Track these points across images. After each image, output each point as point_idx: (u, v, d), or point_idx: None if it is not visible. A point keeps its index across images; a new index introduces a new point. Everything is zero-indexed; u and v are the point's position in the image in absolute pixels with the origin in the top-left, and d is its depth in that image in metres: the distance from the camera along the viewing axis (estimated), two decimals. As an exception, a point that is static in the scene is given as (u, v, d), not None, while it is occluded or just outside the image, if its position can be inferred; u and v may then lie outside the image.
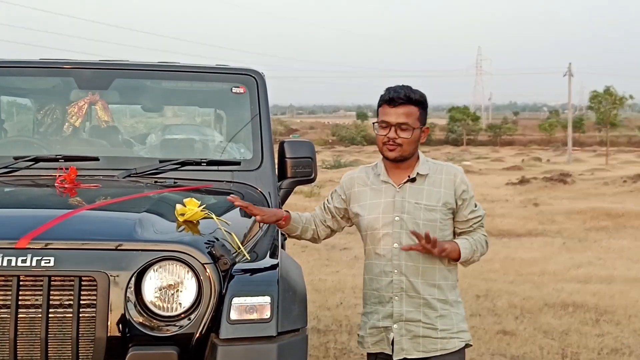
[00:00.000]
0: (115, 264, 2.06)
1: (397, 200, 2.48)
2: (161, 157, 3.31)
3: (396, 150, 2.44)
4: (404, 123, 2.42)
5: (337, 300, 6.21)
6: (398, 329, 2.48)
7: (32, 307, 2.01)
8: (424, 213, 2.45)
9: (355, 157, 39.77)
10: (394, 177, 2.51)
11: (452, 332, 2.49)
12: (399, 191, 2.49)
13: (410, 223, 2.44)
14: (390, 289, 2.48)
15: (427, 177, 2.49)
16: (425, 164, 2.52)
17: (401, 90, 2.44)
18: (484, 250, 2.56)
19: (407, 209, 2.46)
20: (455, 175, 2.51)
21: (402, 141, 2.42)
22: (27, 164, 3.07)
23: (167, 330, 2.08)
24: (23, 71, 3.44)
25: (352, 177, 2.63)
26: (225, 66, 3.55)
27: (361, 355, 4.57)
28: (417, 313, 2.47)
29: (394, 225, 2.46)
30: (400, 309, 2.47)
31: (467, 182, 2.52)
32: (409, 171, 2.50)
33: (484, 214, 2.58)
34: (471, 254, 2.48)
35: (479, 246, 2.52)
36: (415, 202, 2.46)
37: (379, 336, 2.53)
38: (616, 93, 46.55)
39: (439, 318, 2.48)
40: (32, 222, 2.16)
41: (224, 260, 2.16)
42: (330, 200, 2.67)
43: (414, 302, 2.47)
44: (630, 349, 4.84)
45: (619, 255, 8.77)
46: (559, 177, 18.81)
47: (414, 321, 2.47)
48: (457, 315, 2.53)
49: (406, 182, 2.48)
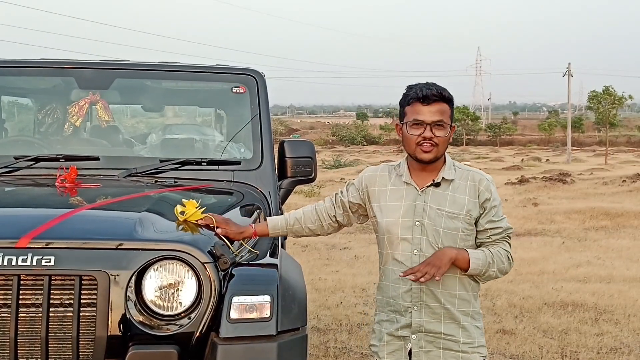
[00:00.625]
0: (116, 263, 2.06)
1: (419, 205, 2.31)
2: (161, 156, 3.32)
3: (432, 151, 2.27)
4: (440, 121, 2.27)
5: (337, 300, 6.22)
6: (417, 340, 2.33)
7: (32, 306, 2.01)
8: (445, 220, 2.28)
9: (355, 157, 39.77)
10: (417, 179, 2.34)
11: (474, 347, 2.33)
12: (421, 195, 2.32)
13: (430, 230, 2.29)
14: (408, 297, 2.33)
15: (452, 182, 2.32)
16: (451, 169, 2.35)
17: (433, 87, 2.29)
18: (504, 266, 2.33)
19: (428, 215, 2.30)
20: (480, 182, 2.33)
21: (438, 140, 2.27)
22: (27, 164, 3.08)
23: (167, 329, 2.08)
24: (24, 71, 3.45)
25: (375, 174, 2.45)
26: (225, 66, 3.56)
27: (360, 354, 4.58)
28: (438, 324, 2.31)
29: (414, 230, 2.30)
30: (419, 319, 2.32)
31: (492, 190, 2.34)
32: (434, 174, 2.33)
33: (508, 227, 2.37)
34: (484, 266, 2.28)
35: (497, 260, 2.30)
36: (437, 207, 2.30)
37: (396, 345, 2.37)
38: (615, 93, 46.53)
39: (461, 330, 2.32)
40: (33, 222, 2.16)
41: (224, 260, 2.17)
42: (344, 194, 2.49)
43: (435, 313, 2.31)
44: (629, 348, 4.84)
45: (618, 255, 8.77)
46: (558, 177, 18.80)
47: (434, 333, 2.32)
48: (477, 329, 2.37)
49: (430, 185, 2.32)
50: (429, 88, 2.29)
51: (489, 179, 2.37)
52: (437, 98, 2.27)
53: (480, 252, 2.30)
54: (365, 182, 2.45)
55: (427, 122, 2.27)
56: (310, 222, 2.51)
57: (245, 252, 2.40)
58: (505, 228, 2.36)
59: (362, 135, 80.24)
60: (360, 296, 6.40)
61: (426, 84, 2.32)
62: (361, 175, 2.49)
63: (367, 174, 2.48)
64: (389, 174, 2.42)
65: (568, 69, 47.91)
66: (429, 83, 2.33)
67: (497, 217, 2.35)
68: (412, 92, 2.31)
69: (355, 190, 2.47)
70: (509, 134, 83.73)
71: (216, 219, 2.37)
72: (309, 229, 2.51)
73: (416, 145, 2.29)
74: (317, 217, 2.50)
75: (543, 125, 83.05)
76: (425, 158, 2.29)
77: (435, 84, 2.32)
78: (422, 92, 2.28)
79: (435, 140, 2.27)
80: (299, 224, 2.50)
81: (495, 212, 2.34)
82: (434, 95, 2.27)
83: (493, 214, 2.33)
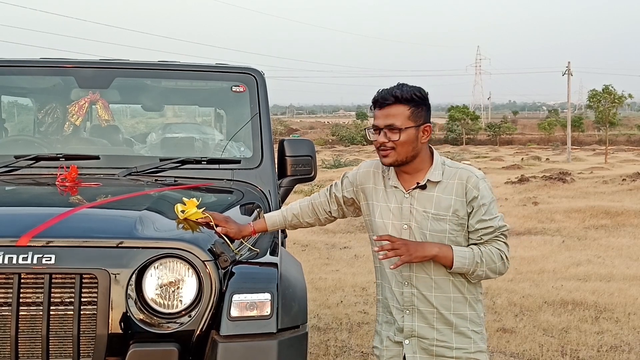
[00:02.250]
0: (116, 262, 2.06)
1: (405, 207, 2.28)
2: (161, 155, 3.32)
3: (390, 154, 2.23)
4: (390, 125, 2.21)
5: (337, 299, 6.22)
6: (409, 345, 2.29)
7: (33, 304, 2.01)
8: (431, 223, 2.24)
9: (355, 157, 39.73)
10: (403, 182, 2.31)
11: (469, 352, 2.27)
12: (407, 197, 2.28)
13: (417, 233, 2.25)
14: (401, 301, 2.30)
15: (439, 183, 2.26)
16: (438, 169, 2.28)
17: (388, 91, 2.25)
18: (496, 265, 2.23)
19: (415, 217, 2.26)
20: (468, 179, 2.25)
21: (394, 144, 2.21)
22: (28, 163, 3.09)
23: (167, 327, 2.09)
24: (24, 70, 3.45)
25: (369, 170, 2.42)
26: (225, 65, 3.56)
27: (361, 353, 4.59)
28: (430, 329, 2.26)
29: (402, 233, 2.26)
30: (411, 324, 2.28)
31: (481, 188, 2.24)
32: (419, 176, 2.28)
33: (502, 226, 2.27)
34: (471, 265, 2.20)
35: (487, 259, 2.22)
36: (423, 210, 2.25)
37: (394, 351, 2.34)
38: (615, 92, 46.55)
39: (456, 335, 2.27)
40: (33, 220, 2.17)
41: (224, 258, 2.18)
42: (338, 188, 2.48)
43: (427, 317, 2.27)
44: (630, 346, 4.84)
45: (618, 254, 8.77)
46: (558, 176, 18.79)
47: (426, 338, 2.27)
48: (476, 334, 2.30)
49: (415, 188, 2.28)
50: (382, 92, 2.26)
51: (478, 175, 2.28)
52: (389, 102, 2.22)
53: (469, 250, 2.23)
54: (360, 179, 2.43)
55: (380, 127, 2.25)
56: (308, 217, 2.54)
57: (245, 250, 2.41)
58: (498, 227, 2.25)
59: (362, 135, 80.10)
60: (361, 295, 6.41)
61: (389, 88, 2.27)
62: (356, 170, 2.48)
63: (361, 170, 2.46)
64: (382, 172, 2.40)
65: (568, 68, 47.90)
66: (395, 85, 2.28)
67: (489, 215, 2.25)
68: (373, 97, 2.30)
69: (350, 184, 2.47)
70: (508, 133, 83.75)
71: (216, 217, 2.37)
72: (307, 222, 2.55)
73: (377, 150, 2.27)
74: (313, 212, 2.54)
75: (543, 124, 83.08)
76: (385, 162, 2.28)
77: (400, 85, 2.26)
78: (376, 96, 2.27)
79: (390, 144, 2.22)
80: (297, 219, 2.54)
81: (486, 211, 2.24)
82: (384, 99, 2.23)
83: (483, 212, 2.24)
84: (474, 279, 2.27)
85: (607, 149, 42.95)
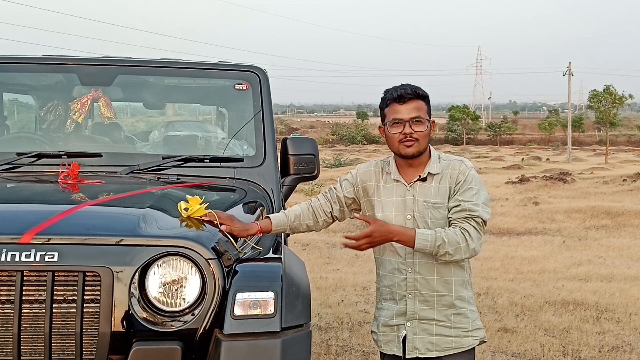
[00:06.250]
0: (119, 259, 2.05)
1: (408, 199, 2.45)
2: (164, 153, 3.30)
3: (414, 145, 2.40)
4: (417, 117, 2.40)
5: (338, 298, 6.22)
6: (411, 327, 2.46)
7: (35, 302, 2.00)
8: (431, 211, 2.41)
9: (355, 156, 39.78)
10: (405, 175, 2.48)
11: (467, 330, 2.46)
12: (409, 190, 2.46)
13: (420, 222, 2.42)
14: (404, 286, 2.46)
15: (437, 175, 2.45)
16: (436, 162, 2.47)
17: (407, 87, 2.44)
18: (459, 247, 2.31)
19: (417, 208, 2.43)
20: (459, 168, 2.43)
21: (418, 135, 2.40)
22: (30, 160, 3.07)
23: (171, 325, 2.07)
24: (26, 67, 3.44)
25: (369, 170, 2.57)
26: (228, 63, 3.55)
27: (362, 352, 4.58)
28: (431, 311, 2.44)
29: (406, 223, 2.43)
30: (414, 307, 2.45)
31: (468, 174, 2.40)
32: (420, 170, 2.47)
33: (474, 211, 2.34)
34: (432, 246, 2.29)
35: (451, 240, 2.30)
36: (424, 200, 2.43)
37: (390, 335, 2.51)
38: (615, 92, 46.54)
39: (455, 316, 2.45)
40: (36, 218, 2.15)
41: (227, 256, 2.17)
42: (339, 189, 2.61)
43: (429, 300, 2.43)
44: (631, 346, 4.84)
45: (618, 254, 8.77)
46: (559, 176, 18.79)
47: (427, 319, 2.44)
48: (473, 313, 2.49)
49: (417, 180, 2.45)
50: (403, 88, 2.44)
51: (468, 165, 2.46)
52: (411, 96, 2.42)
53: (432, 232, 2.33)
54: (360, 177, 2.58)
55: (405, 120, 2.41)
56: (308, 219, 2.59)
57: (248, 249, 2.40)
58: (469, 209, 2.34)
59: (362, 134, 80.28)
60: (361, 294, 6.40)
61: (401, 85, 2.46)
62: (354, 172, 2.62)
63: (360, 170, 2.60)
64: (381, 169, 2.56)
65: (568, 68, 47.87)
66: (403, 84, 2.47)
67: (463, 196, 2.37)
68: (389, 94, 2.46)
69: (350, 185, 2.59)
70: (509, 133, 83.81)
71: (220, 215, 2.37)
72: (307, 225, 2.60)
73: (399, 142, 2.42)
74: (313, 214, 2.60)
75: (543, 124, 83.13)
76: (408, 153, 2.43)
77: (409, 84, 2.47)
78: (397, 92, 2.43)
79: (415, 135, 2.41)
80: (298, 220, 2.58)
81: (462, 192, 2.38)
82: (408, 94, 2.42)
83: (459, 192, 2.39)
84: (442, 259, 2.37)
85: (608, 150, 42.96)
